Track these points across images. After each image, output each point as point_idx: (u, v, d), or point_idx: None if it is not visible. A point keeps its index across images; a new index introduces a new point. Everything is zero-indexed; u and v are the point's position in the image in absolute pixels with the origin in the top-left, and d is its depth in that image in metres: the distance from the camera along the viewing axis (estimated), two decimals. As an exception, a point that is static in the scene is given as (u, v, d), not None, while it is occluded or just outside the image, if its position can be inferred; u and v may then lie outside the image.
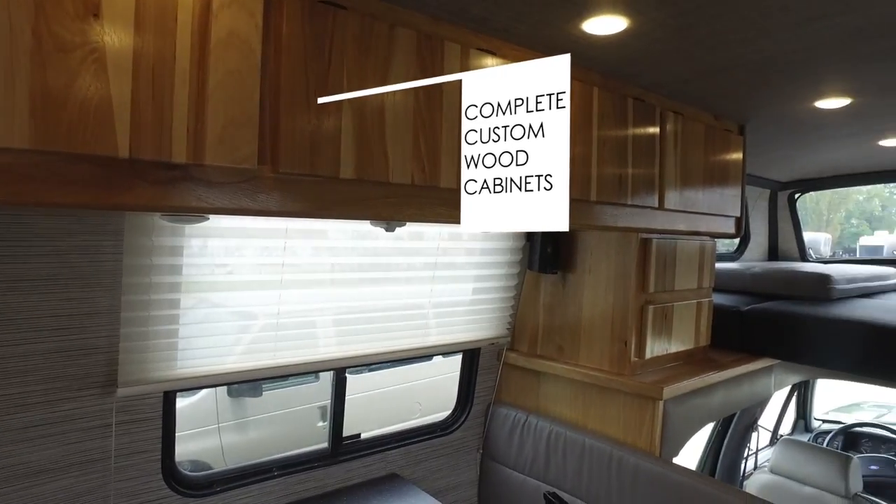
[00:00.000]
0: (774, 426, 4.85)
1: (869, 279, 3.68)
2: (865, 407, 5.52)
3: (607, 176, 2.12)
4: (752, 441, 4.14)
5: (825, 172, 4.31)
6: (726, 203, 2.79)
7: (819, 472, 3.45)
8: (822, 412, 5.31)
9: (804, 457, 3.58)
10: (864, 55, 1.95)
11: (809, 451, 3.69)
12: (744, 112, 2.73)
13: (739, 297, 3.43)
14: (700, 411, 2.68)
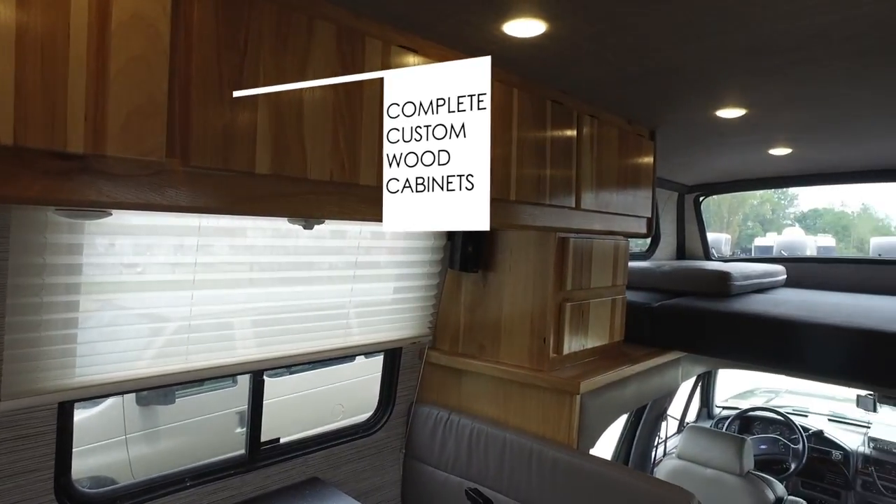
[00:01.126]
0: (681, 415, 5.15)
1: (762, 276, 3.99)
2: (758, 393, 5.97)
3: (527, 176, 2.17)
4: (661, 430, 4.38)
5: (725, 177, 4.62)
6: (638, 204, 2.93)
7: (718, 455, 3.70)
8: (722, 400, 5.70)
9: (706, 441, 3.83)
10: (757, 70, 2.11)
11: (711, 436, 3.94)
12: (654, 118, 2.88)
13: (650, 293, 3.62)
14: (615, 403, 2.80)
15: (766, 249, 16.74)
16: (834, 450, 4.53)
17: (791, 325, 2.88)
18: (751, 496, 3.56)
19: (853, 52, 1.89)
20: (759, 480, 3.65)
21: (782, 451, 4.65)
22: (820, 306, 3.24)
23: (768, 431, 4.87)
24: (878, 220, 32.39)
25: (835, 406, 5.23)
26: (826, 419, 5.02)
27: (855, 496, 4.43)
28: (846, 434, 4.70)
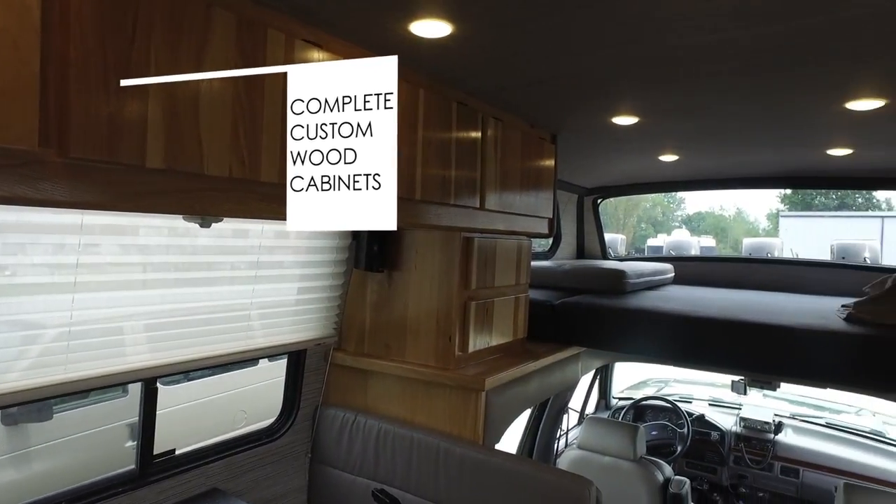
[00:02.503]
0: (581, 407, 5.40)
1: (653, 274, 4.28)
2: (650, 383, 6.41)
3: (432, 176, 2.19)
4: (563, 422, 4.58)
5: (621, 181, 4.91)
6: (540, 205, 3.04)
7: (615, 443, 3.92)
8: (618, 391, 6.05)
9: (604, 431, 4.04)
10: (648, 81, 2.26)
11: (608, 425, 4.17)
12: (556, 122, 3.00)
13: (552, 292, 3.76)
14: (519, 399, 2.89)
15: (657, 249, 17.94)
16: (713, 431, 4.97)
17: (678, 319, 3.11)
18: (643, 479, 3.80)
19: (726, 70, 2.06)
20: (651, 464, 3.90)
21: (670, 436, 5.02)
22: (702, 301, 3.52)
23: (659, 418, 5.23)
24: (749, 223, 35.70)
25: (714, 392, 5.71)
26: (707, 404, 5.49)
27: (728, 470, 4.88)
28: (723, 416, 5.15)
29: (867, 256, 8.36)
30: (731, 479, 4.89)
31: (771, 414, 4.99)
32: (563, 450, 4.44)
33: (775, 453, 4.74)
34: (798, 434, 4.89)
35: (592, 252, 5.20)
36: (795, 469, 4.65)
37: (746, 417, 4.96)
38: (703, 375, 6.10)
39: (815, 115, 2.60)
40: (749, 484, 4.83)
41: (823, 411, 5.40)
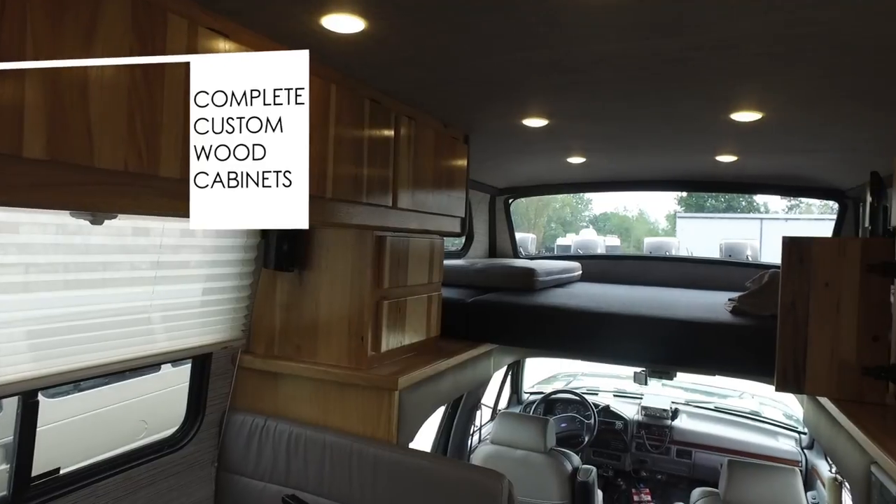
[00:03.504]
0: (494, 403, 5.52)
1: (561, 272, 4.45)
2: (560, 377, 6.66)
3: (344, 174, 2.15)
4: (476, 418, 4.66)
5: (531, 181, 5.05)
6: (453, 205, 3.07)
7: (526, 436, 4.04)
8: (529, 386, 6.23)
9: (516, 425, 4.15)
10: (557, 85, 2.34)
11: (519, 420, 4.29)
12: (468, 123, 3.04)
13: (465, 290, 3.82)
14: (432, 397, 2.90)
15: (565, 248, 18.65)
16: (617, 420, 5.25)
17: (584, 315, 3.25)
18: (553, 470, 3.94)
19: (629, 77, 2.18)
20: (560, 455, 4.05)
21: (578, 427, 5.25)
22: (607, 298, 3.70)
23: (568, 411, 5.45)
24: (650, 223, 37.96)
25: (619, 383, 6.02)
26: (612, 395, 5.78)
27: (631, 456, 5.18)
28: (626, 406, 5.45)
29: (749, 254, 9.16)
30: (633, 464, 5.19)
31: (668, 402, 5.34)
32: (477, 445, 4.52)
33: (672, 438, 5.09)
34: (691, 419, 5.27)
35: (504, 251, 5.32)
36: (689, 451, 5.02)
37: (647, 406, 5.28)
38: (608, 368, 6.43)
39: (705, 124, 2.80)
40: (649, 468, 5.16)
41: (713, 397, 5.86)
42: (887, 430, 2.03)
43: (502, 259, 5.00)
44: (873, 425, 2.08)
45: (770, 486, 3.28)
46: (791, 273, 2.50)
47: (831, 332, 2.44)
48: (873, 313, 2.39)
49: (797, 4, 1.50)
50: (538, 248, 21.11)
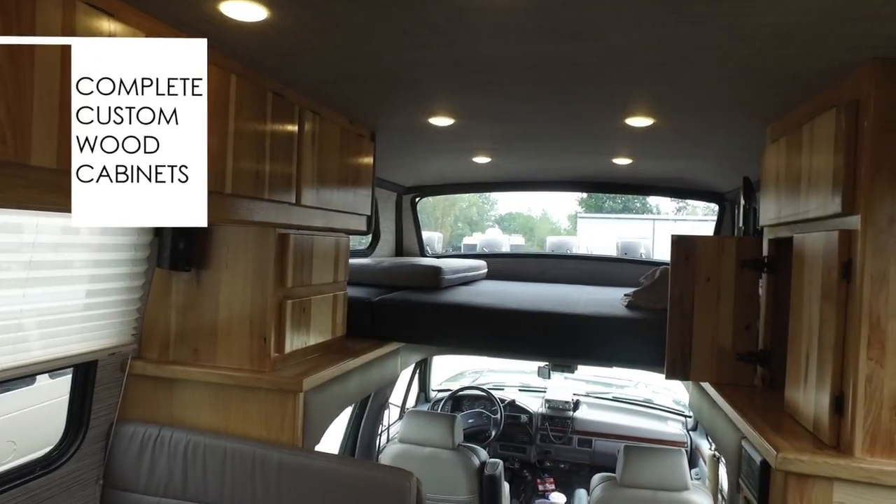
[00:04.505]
0: (402, 401, 5.52)
1: (467, 270, 4.52)
2: (467, 374, 6.77)
3: (244, 170, 2.06)
4: (385, 418, 4.63)
5: (437, 180, 5.10)
6: (359, 203, 3.03)
7: (434, 434, 4.07)
8: (437, 384, 6.29)
9: (424, 423, 4.17)
10: (463, 85, 2.37)
11: (427, 417, 4.32)
12: (375, 120, 3.01)
13: (371, 289, 3.78)
14: (338, 398, 2.85)
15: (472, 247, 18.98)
16: (522, 414, 5.43)
17: (489, 312, 3.32)
18: (461, 465, 4.00)
19: (531, 80, 2.25)
20: (468, 450, 4.12)
21: (486, 422, 5.37)
22: (510, 295, 3.81)
23: (475, 406, 5.56)
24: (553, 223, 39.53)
25: (524, 378, 6.22)
26: (517, 389, 5.96)
27: (536, 448, 5.39)
28: (531, 399, 5.65)
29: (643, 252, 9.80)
30: (538, 455, 5.39)
31: (570, 394, 5.59)
32: (386, 445, 4.49)
33: (574, 428, 5.34)
34: (591, 409, 5.55)
35: (410, 250, 5.33)
36: (589, 439, 5.30)
37: (550, 399, 5.50)
38: (513, 364, 6.62)
39: (603, 127, 2.95)
40: (553, 458, 5.39)
41: (611, 387, 6.20)
42: (755, 408, 2.23)
43: (409, 258, 5.01)
44: (744, 405, 2.28)
45: (660, 467, 3.52)
46: (679, 269, 2.69)
47: (712, 322, 2.66)
48: (746, 304, 2.62)
49: (683, 21, 1.61)
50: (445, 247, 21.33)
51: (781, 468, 1.79)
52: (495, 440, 5.27)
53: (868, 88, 1.76)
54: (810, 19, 1.54)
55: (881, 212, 1.74)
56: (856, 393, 1.76)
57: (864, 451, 1.75)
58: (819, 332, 1.94)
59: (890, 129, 1.73)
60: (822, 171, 1.95)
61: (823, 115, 1.94)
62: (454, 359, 6.31)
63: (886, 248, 1.74)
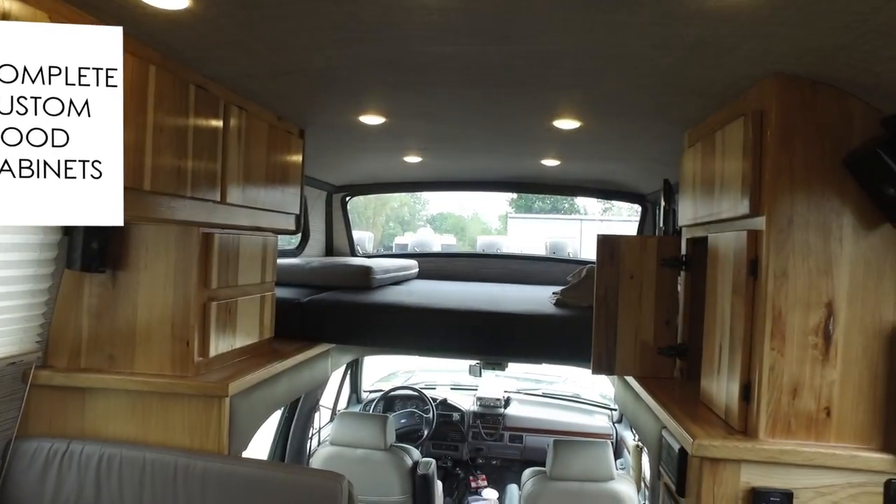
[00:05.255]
0: (333, 403, 5.43)
1: (398, 270, 4.52)
2: (399, 374, 6.75)
3: (165, 166, 1.97)
4: (315, 420, 4.54)
5: (368, 179, 5.06)
6: (287, 201, 2.95)
7: (366, 435, 4.04)
8: (369, 384, 6.24)
9: (355, 425, 4.13)
10: (394, 83, 2.36)
11: (359, 419, 4.27)
12: (304, 117, 2.95)
13: (300, 289, 3.70)
14: (267, 401, 2.76)
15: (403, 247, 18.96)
16: (454, 412, 5.47)
17: (420, 312, 3.33)
18: (393, 466, 3.98)
19: (461, 81, 2.27)
20: (400, 450, 4.11)
21: (418, 422, 5.38)
22: (441, 294, 3.84)
23: (407, 406, 5.56)
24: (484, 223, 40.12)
25: (455, 377, 6.27)
26: (449, 388, 6.00)
27: (468, 446, 5.46)
28: (463, 398, 5.71)
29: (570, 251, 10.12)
30: (470, 452, 5.46)
31: (502, 391, 5.68)
32: (317, 448, 4.41)
33: (505, 424, 5.44)
34: (522, 405, 5.67)
35: (341, 249, 5.26)
36: (520, 435, 5.41)
37: (482, 396, 5.58)
38: (445, 363, 6.66)
39: (532, 129, 3.02)
40: (485, 454, 5.46)
41: (541, 384, 6.36)
42: (674, 399, 2.35)
43: (339, 257, 4.94)
44: (664, 396, 2.40)
45: (587, 459, 3.64)
46: (604, 268, 2.80)
47: (635, 319, 2.78)
48: (666, 301, 2.76)
49: (608, 29, 1.67)
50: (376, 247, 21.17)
51: (697, 454, 1.90)
52: (428, 439, 5.29)
53: (770, 100, 1.90)
54: (721, 33, 1.64)
55: (782, 213, 1.88)
56: (760, 381, 1.90)
57: (766, 434, 1.89)
58: (730, 326, 2.07)
59: (788, 138, 1.88)
60: (732, 175, 2.09)
61: (733, 123, 2.07)
62: (386, 359, 6.29)
63: (786, 247, 1.88)
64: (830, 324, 1.88)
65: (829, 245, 1.88)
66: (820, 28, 1.55)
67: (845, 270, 1.87)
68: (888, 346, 1.87)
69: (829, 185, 1.87)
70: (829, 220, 1.88)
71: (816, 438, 1.89)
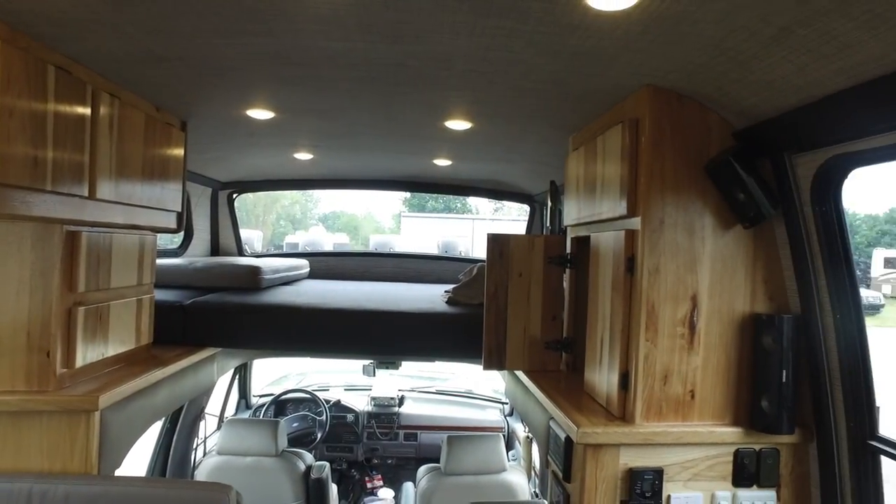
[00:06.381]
0: (221, 410, 5.15)
1: (289, 269, 4.37)
2: (291, 377, 6.55)
3: (17, 155, 1.76)
4: (201, 429, 4.28)
5: (257, 176, 4.85)
6: (167, 198, 2.76)
7: (256, 442, 3.87)
8: (259, 389, 5.99)
9: (244, 432, 3.95)
10: (283, 77, 2.27)
11: (248, 425, 4.09)
12: (186, 108, 2.76)
13: (183, 291, 3.47)
14: (144, 413, 2.56)
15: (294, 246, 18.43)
16: (348, 414, 5.41)
17: (311, 312, 3.24)
18: (285, 472, 3.85)
19: (353, 78, 2.24)
20: (292, 455, 3.98)
21: (311, 425, 5.25)
22: (333, 294, 3.76)
23: (299, 410, 5.42)
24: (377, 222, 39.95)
25: (349, 377, 6.19)
26: (343, 389, 5.92)
27: (363, 446, 5.44)
28: (357, 398, 5.65)
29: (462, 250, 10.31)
30: (365, 453, 5.42)
31: (396, 390, 5.69)
32: (202, 459, 4.16)
33: (399, 423, 5.46)
34: (416, 403, 5.72)
35: (228, 249, 5.01)
36: (415, 433, 5.46)
37: (376, 396, 5.55)
38: (338, 363, 6.56)
39: (424, 129, 3.04)
40: (380, 454, 5.46)
41: (435, 381, 6.44)
42: (560, 391, 2.48)
43: (226, 257, 4.70)
44: (551, 388, 2.52)
45: (480, 452, 3.74)
46: (494, 266, 2.88)
47: (524, 315, 2.89)
48: (552, 297, 2.90)
49: (496, 33, 1.72)
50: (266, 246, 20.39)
51: (581, 441, 2.02)
52: (321, 442, 5.19)
53: (643, 109, 2.06)
54: (602, 45, 1.75)
55: (654, 215, 2.04)
56: (636, 370, 2.05)
57: (642, 419, 2.05)
58: (610, 320, 2.21)
59: (659, 145, 2.05)
60: (611, 178, 2.23)
61: (613, 129, 2.22)
62: (277, 362, 6.06)
63: (658, 245, 2.04)
64: (695, 315, 2.07)
65: (693, 244, 2.07)
66: (683, 48, 1.71)
67: (707, 267, 2.07)
68: (739, 334, 2.10)
69: (693, 189, 2.06)
70: (694, 221, 2.07)
71: (683, 419, 2.08)
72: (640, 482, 2.02)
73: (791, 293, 2.06)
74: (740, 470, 2.08)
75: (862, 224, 32.52)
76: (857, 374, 1.87)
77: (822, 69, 1.55)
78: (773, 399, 1.98)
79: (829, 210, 1.87)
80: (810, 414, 2.02)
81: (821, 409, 1.96)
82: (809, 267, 1.94)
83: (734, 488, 2.09)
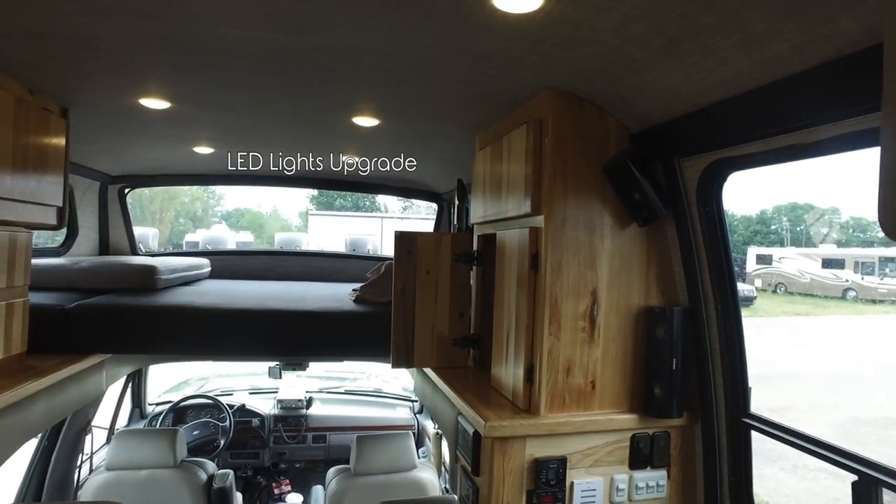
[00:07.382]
0: (111, 422, 4.79)
1: (188, 269, 4.14)
2: (191, 382, 6.20)
3: None
4: (87, 444, 3.95)
5: (152, 170, 4.55)
6: (45, 191, 2.52)
7: (152, 453, 3.63)
8: (156, 396, 5.62)
9: (137, 443, 3.69)
10: (180, 65, 2.13)
11: (142, 436, 3.82)
12: (67, 93, 2.54)
13: (65, 293, 3.19)
14: (15, 430, 2.32)
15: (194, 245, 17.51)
16: (253, 418, 5.20)
17: (212, 313, 3.08)
18: (185, 483, 3.64)
19: (256, 69, 2.15)
20: (193, 465, 3.77)
21: (213, 431, 5.00)
22: (236, 293, 3.60)
23: (200, 416, 5.14)
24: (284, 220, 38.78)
25: (254, 381, 5.96)
26: (247, 393, 5.69)
27: (270, 451, 5.24)
28: (262, 402, 5.45)
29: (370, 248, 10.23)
30: (272, 458, 5.24)
31: (303, 392, 5.54)
32: (88, 477, 3.84)
33: (308, 426, 5.32)
34: (325, 404, 5.60)
35: (119, 247, 4.66)
36: (324, 435, 5.34)
37: (283, 399, 5.38)
38: (242, 366, 6.29)
39: (331, 124, 2.98)
40: (287, 459, 5.29)
41: (344, 381, 6.33)
42: (468, 387, 2.52)
43: (117, 256, 4.37)
44: (458, 384, 2.56)
45: (390, 451, 3.73)
46: (402, 263, 2.87)
47: (432, 312, 2.91)
48: (460, 294, 2.94)
49: (403, 28, 1.71)
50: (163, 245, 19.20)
51: (489, 435, 2.06)
52: (225, 449, 4.95)
53: (546, 111, 2.13)
54: (508, 46, 1.79)
55: (557, 213, 2.12)
56: (541, 363, 2.12)
57: (546, 410, 2.13)
58: (516, 316, 2.28)
59: (561, 146, 2.13)
60: (517, 177, 2.29)
61: (518, 129, 2.28)
62: (176, 367, 5.72)
63: (561, 242, 2.13)
64: (595, 309, 2.18)
65: (593, 241, 2.17)
66: (582, 53, 1.78)
67: (605, 263, 2.18)
68: (634, 326, 2.23)
69: (593, 189, 2.16)
70: (594, 220, 2.17)
71: (585, 409, 2.18)
72: (545, 471, 2.09)
73: (680, 287, 2.21)
74: (636, 454, 2.21)
75: (739, 224, 35.79)
76: (735, 360, 2.05)
77: (704, 80, 1.68)
78: (665, 386, 2.12)
79: (712, 210, 2.03)
80: (696, 398, 2.19)
81: (704, 392, 2.13)
82: (695, 263, 2.09)
83: (630, 471, 2.22)
